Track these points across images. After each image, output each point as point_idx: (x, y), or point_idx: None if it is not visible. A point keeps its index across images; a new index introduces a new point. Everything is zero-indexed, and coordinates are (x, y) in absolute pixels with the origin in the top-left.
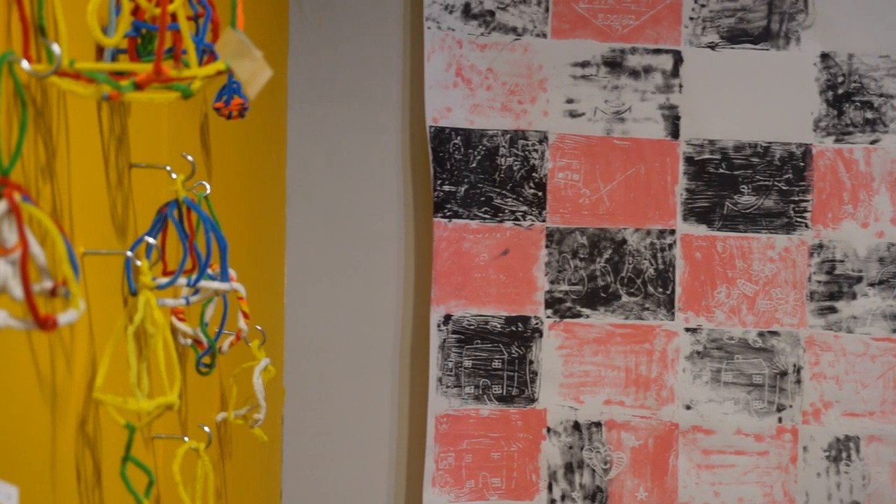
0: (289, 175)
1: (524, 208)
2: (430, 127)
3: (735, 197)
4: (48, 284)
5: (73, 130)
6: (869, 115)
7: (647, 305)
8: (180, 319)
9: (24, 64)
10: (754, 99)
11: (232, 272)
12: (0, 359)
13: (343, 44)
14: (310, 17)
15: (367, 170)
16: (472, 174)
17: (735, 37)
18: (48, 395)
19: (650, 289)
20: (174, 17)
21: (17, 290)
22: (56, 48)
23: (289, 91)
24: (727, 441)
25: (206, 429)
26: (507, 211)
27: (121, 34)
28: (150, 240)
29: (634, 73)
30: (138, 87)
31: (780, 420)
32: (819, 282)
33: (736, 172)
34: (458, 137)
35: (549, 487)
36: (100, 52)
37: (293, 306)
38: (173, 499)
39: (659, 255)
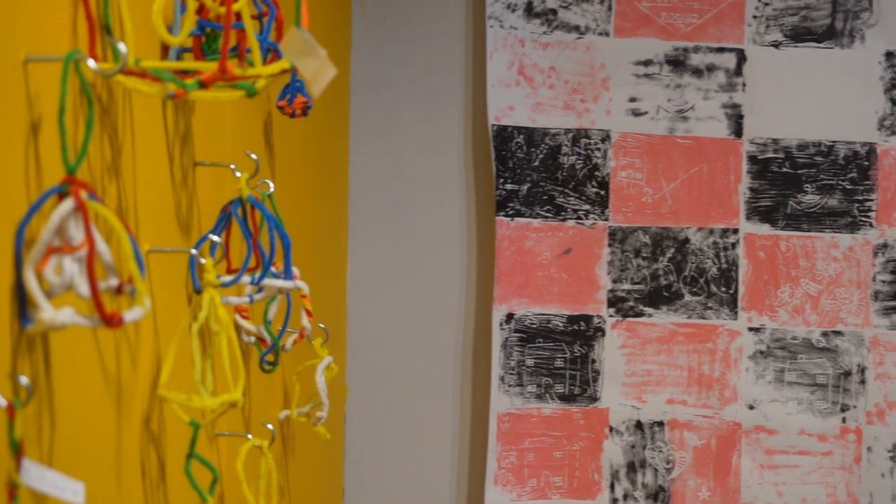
0: (351, 173)
1: (586, 207)
2: (493, 125)
3: (799, 196)
4: (114, 282)
5: (139, 129)
6: None
7: (709, 305)
8: (244, 317)
9: (91, 63)
10: (818, 98)
11: (295, 270)
12: (67, 356)
13: (405, 42)
14: (372, 15)
15: (429, 168)
16: (534, 173)
17: (799, 35)
18: (114, 392)
19: (713, 288)
20: (239, 15)
21: (84, 288)
22: (122, 47)
23: (351, 89)
24: (790, 441)
25: (270, 426)
26: (569, 210)
27: (186, 33)
28: (215, 238)
29: (697, 72)
30: (203, 85)
31: (843, 420)
32: (883, 281)
33: (799, 171)
34: (521, 136)
35: (612, 486)
36: (165, 50)
37: (356, 304)
38: (237, 496)
39: (722, 254)
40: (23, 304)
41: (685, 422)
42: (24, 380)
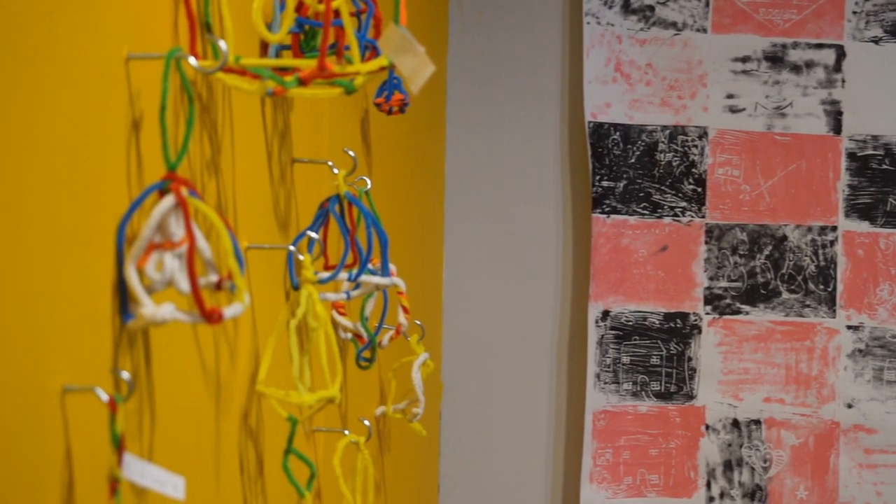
0: (448, 170)
1: (683, 204)
2: (589, 122)
3: None
4: (214, 278)
5: (238, 126)
6: None
7: (807, 302)
8: (341, 314)
9: (192, 60)
10: None
11: (392, 267)
12: (167, 352)
13: (502, 39)
14: (470, 12)
15: (525, 165)
16: (630, 170)
17: None
18: (213, 387)
19: (811, 286)
20: (337, 13)
21: (184, 284)
22: (223, 45)
23: (448, 86)
24: (890, 440)
25: (366, 423)
26: (665, 207)
27: (285, 30)
28: (313, 234)
29: (796, 68)
30: (302, 82)
31: None
32: None
33: None
34: (617, 133)
35: (708, 485)
36: (264, 48)
37: (451, 301)
38: (334, 492)
39: (820, 251)
40: (124, 299)
41: (782, 420)
42: (125, 375)
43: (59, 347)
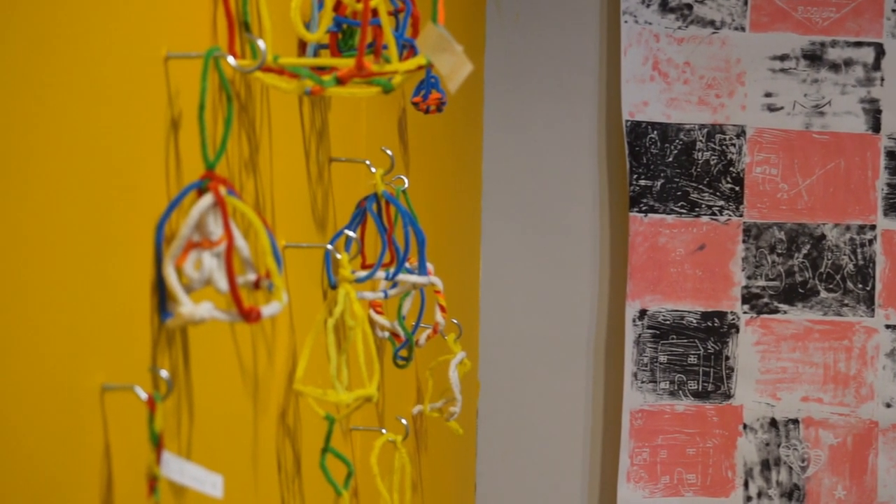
0: (485, 169)
1: (721, 203)
2: (627, 121)
3: None
4: (252, 277)
5: (276, 125)
6: None
7: (846, 301)
8: (378, 312)
9: (230, 59)
10: None
11: (430, 266)
12: (205, 350)
13: (539, 38)
14: (507, 11)
15: (562, 164)
16: (668, 168)
17: None
18: (250, 386)
19: (849, 285)
20: (375, 12)
21: (223, 283)
22: (261, 44)
23: (485, 85)
24: None
25: (404, 421)
26: (703, 206)
27: (323, 29)
28: (350, 233)
29: (834, 67)
30: (340, 81)
31: None
32: None
33: None
34: (655, 132)
35: (745, 484)
36: (302, 47)
37: (488, 300)
38: (371, 490)
39: (859, 250)
40: (162, 298)
41: (821, 420)
42: (164, 373)
43: (98, 346)
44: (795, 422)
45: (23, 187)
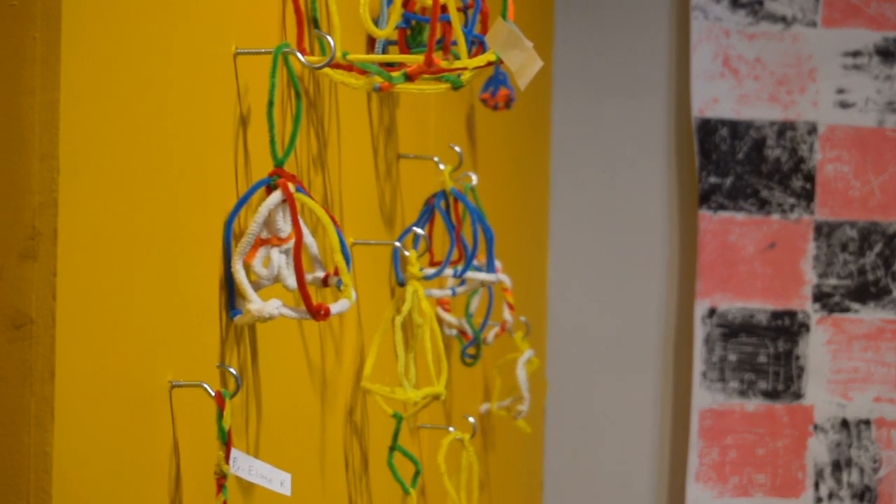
0: (553, 166)
1: (792, 200)
2: (696, 118)
3: None
4: (320, 274)
5: (344, 121)
6: None
7: None
8: (446, 310)
9: (300, 56)
10: None
11: (498, 263)
12: (273, 347)
13: (608, 34)
14: (576, 7)
15: (631, 161)
16: (738, 166)
17: None
18: (318, 383)
19: None
20: (445, 8)
21: (291, 280)
22: (330, 40)
23: (553, 81)
24: None
25: (472, 419)
26: (773, 203)
27: (392, 26)
28: (419, 230)
29: None
30: (409, 78)
31: None
32: None
33: None
34: (725, 128)
35: (816, 485)
36: (370, 43)
37: (556, 297)
38: (438, 489)
39: None
40: (231, 295)
41: (893, 420)
42: (232, 370)
43: (167, 343)
44: (867, 422)
45: (95, 185)
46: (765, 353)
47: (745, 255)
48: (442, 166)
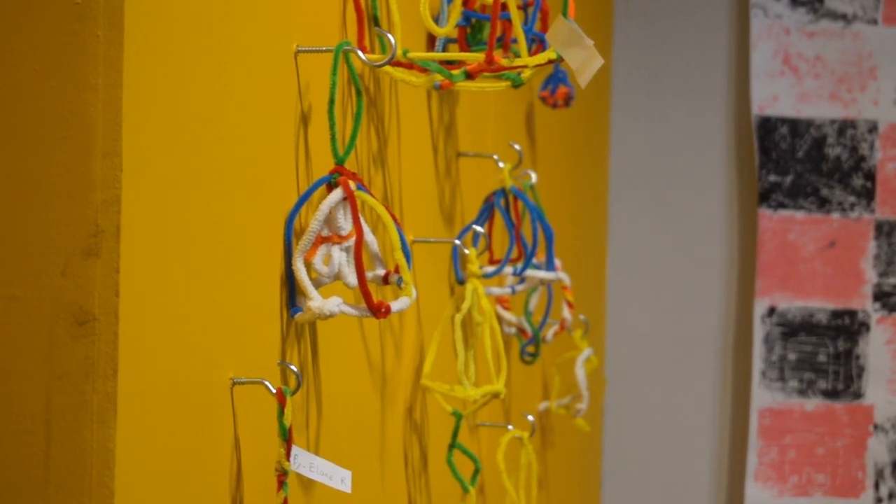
0: (612, 163)
1: (852, 199)
2: (756, 116)
3: None
4: (381, 272)
5: (404, 119)
6: None
7: None
8: (505, 308)
9: (360, 54)
10: None
11: (557, 261)
12: (333, 345)
13: (668, 32)
14: (635, 4)
15: (690, 159)
16: (798, 164)
17: None
18: (378, 381)
19: None
20: (505, 6)
21: (352, 278)
22: (391, 38)
23: (613, 79)
24: None
25: (531, 418)
26: (833, 202)
27: (452, 24)
28: (478, 228)
29: None
30: (469, 76)
31: None
32: None
33: None
34: (785, 126)
35: (876, 485)
36: (430, 41)
37: (615, 296)
38: (496, 487)
39: None
40: (292, 293)
41: None
42: (293, 368)
43: (229, 340)
44: None
45: (157, 183)
46: (824, 353)
47: (805, 254)
48: (501, 164)
